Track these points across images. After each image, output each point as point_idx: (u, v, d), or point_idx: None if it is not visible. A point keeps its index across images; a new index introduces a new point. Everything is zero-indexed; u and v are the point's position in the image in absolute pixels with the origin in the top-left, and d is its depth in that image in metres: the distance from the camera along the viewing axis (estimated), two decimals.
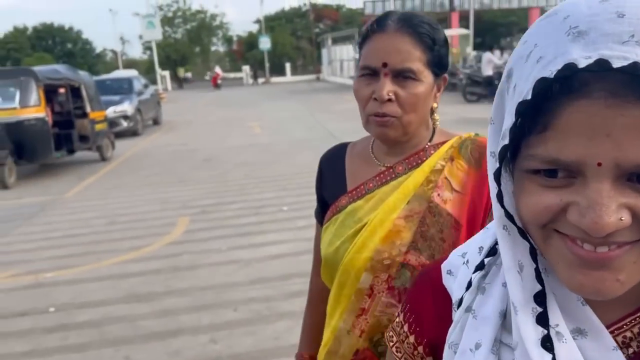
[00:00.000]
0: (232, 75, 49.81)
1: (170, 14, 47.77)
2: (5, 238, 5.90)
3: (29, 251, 5.35)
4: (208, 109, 21.24)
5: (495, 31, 43.17)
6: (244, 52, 48.31)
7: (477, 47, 30.06)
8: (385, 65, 1.08)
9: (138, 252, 5.10)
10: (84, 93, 10.43)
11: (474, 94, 16.70)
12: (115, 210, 6.75)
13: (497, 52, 18.57)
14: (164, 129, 16.00)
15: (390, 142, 1.17)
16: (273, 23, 50.94)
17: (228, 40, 54.60)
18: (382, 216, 1.12)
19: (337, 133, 11.75)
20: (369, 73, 1.11)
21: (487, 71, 16.11)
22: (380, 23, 1.11)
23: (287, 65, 44.84)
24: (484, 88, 16.41)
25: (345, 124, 13.37)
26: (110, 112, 13.18)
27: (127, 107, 14.45)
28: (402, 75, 1.08)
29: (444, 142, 1.18)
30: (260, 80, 43.91)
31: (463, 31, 28.36)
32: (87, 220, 6.37)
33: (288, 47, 46.26)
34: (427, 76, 1.10)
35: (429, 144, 1.19)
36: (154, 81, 31.25)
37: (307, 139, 11.43)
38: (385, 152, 1.22)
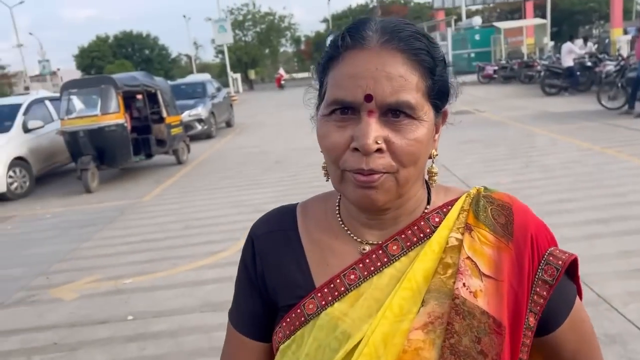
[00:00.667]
0: (300, 75, 50.27)
1: (240, 18, 48.91)
2: (88, 243, 6.12)
3: (109, 256, 5.51)
4: (277, 110, 21.47)
5: (572, 19, 40.93)
6: (312, 52, 48.57)
7: (553, 37, 28.56)
8: (369, 98, 0.72)
9: (213, 258, 5.11)
10: (160, 98, 10.74)
11: (553, 87, 15.82)
12: (190, 214, 6.85)
13: (579, 41, 17.48)
14: (236, 131, 16.30)
15: (376, 211, 0.81)
16: (340, 22, 50.97)
17: (296, 40, 55.23)
18: (386, 328, 0.76)
19: None
20: (341, 110, 0.75)
21: (568, 62, 15.23)
22: (355, 35, 0.76)
23: None
24: (564, 80, 15.54)
25: None
26: (185, 116, 13.53)
27: (201, 110, 14.81)
28: (395, 113, 0.74)
29: (449, 204, 0.85)
30: None
31: (539, 21, 26.99)
32: (163, 225, 6.49)
33: None
34: (428, 112, 0.77)
35: (427, 207, 0.86)
36: (225, 84, 32.07)
37: None
38: (363, 223, 0.85)
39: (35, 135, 10.02)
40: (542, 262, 0.81)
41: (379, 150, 0.74)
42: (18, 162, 9.41)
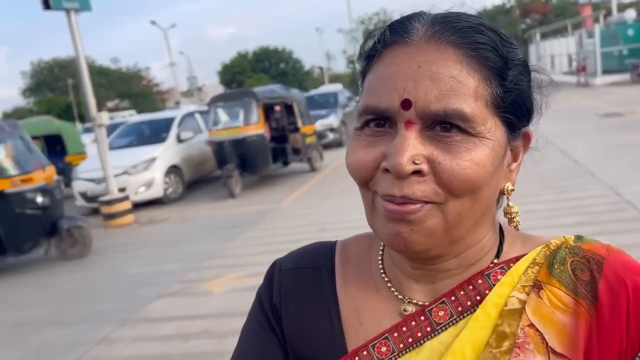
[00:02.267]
0: None
1: (371, 27, 49.47)
2: (233, 242, 6.63)
3: (252, 255, 5.93)
4: None
5: None
6: None
7: None
8: (407, 104, 0.55)
9: None
10: (296, 109, 11.29)
11: None
12: (325, 218, 7.12)
13: None
14: None
15: (418, 254, 0.61)
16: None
17: None
18: None
19: (551, 135, 10.79)
20: (375, 122, 0.59)
21: None
22: (398, 29, 0.60)
23: None
24: None
25: (559, 124, 12.23)
26: (318, 125, 14.05)
27: (332, 120, 15.28)
28: (444, 127, 0.56)
29: (519, 258, 0.64)
30: None
31: None
32: (300, 227, 6.82)
33: None
34: (495, 129, 0.57)
35: (495, 260, 0.65)
36: (357, 93, 32.59)
37: None
38: (409, 274, 0.66)
39: (187, 145, 11.07)
40: None
41: (419, 172, 0.56)
42: (173, 169, 10.47)
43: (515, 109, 0.60)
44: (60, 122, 14.12)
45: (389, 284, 0.68)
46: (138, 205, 9.82)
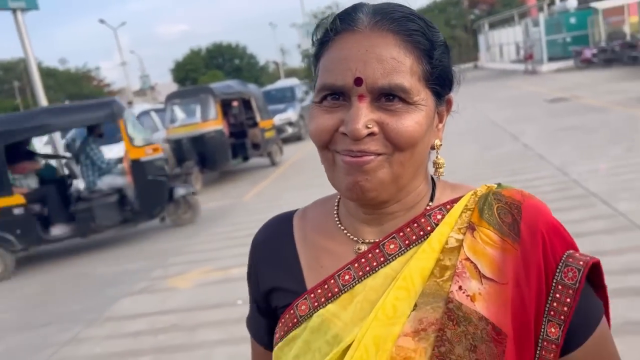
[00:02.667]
0: None
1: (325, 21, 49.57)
2: (197, 238, 6.66)
3: (217, 250, 5.98)
4: None
5: None
6: None
7: None
8: (359, 82, 0.68)
9: None
10: (254, 104, 11.32)
11: None
12: (288, 210, 7.20)
13: None
14: None
15: (371, 201, 0.74)
16: (425, 15, 50.15)
17: None
18: (377, 331, 0.71)
19: (501, 121, 11.20)
20: (332, 96, 0.72)
21: None
22: (346, 18, 0.73)
23: None
24: None
25: (509, 111, 12.69)
26: (277, 119, 14.11)
27: (291, 114, 15.36)
28: (388, 97, 0.69)
29: (453, 202, 0.78)
30: None
31: None
32: (264, 220, 6.75)
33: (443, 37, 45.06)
34: (427, 98, 0.72)
35: (430, 204, 0.79)
36: (313, 88, 32.67)
37: (468, 130, 11.05)
38: (361, 219, 0.80)
39: None
40: (560, 264, 0.73)
41: (371, 134, 0.70)
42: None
43: (441, 81, 0.74)
44: None
45: (344, 230, 0.82)
46: None
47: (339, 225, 0.83)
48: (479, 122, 12.02)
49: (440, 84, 0.75)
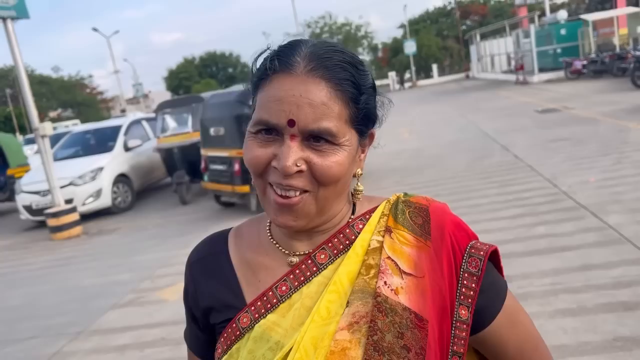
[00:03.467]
0: (378, 82, 50.31)
1: (317, 30, 49.81)
2: (186, 249, 6.53)
3: None
4: None
5: None
6: (389, 58, 48.48)
7: None
8: (292, 123, 0.75)
9: None
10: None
11: None
12: None
13: None
14: None
15: (299, 230, 0.84)
16: (417, 26, 50.47)
17: (373, 48, 55.28)
18: (315, 332, 0.78)
19: (492, 132, 11.23)
20: (266, 130, 0.78)
21: None
22: (283, 60, 0.78)
23: (434, 67, 44.05)
24: None
25: (500, 121, 12.74)
26: None
27: None
28: (316, 138, 0.77)
29: (371, 211, 0.88)
30: (407, 84, 43.72)
31: (632, 9, 25.33)
32: None
33: (434, 48, 45.39)
34: (351, 138, 0.80)
35: (352, 217, 0.89)
36: None
37: (459, 141, 11.08)
38: (292, 235, 0.87)
39: (135, 153, 10.86)
40: (465, 255, 0.85)
41: (299, 172, 0.77)
42: (121, 178, 10.26)
43: (365, 122, 0.83)
44: (0, 134, 13.57)
45: (277, 245, 0.89)
46: (86, 217, 9.58)
47: (272, 241, 0.90)
48: (469, 132, 12.06)
49: (365, 124, 0.83)
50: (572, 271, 3.89)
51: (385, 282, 0.80)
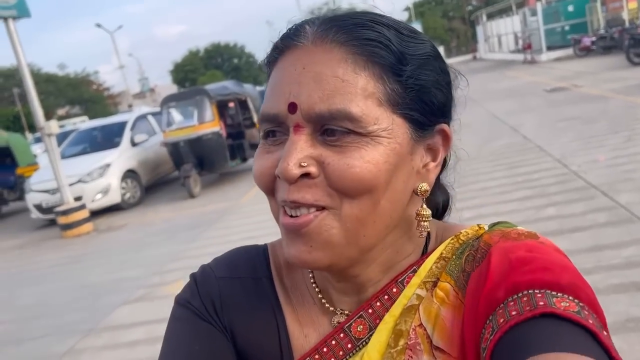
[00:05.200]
0: None
1: None
2: (195, 243, 6.60)
3: (215, 254, 5.81)
4: None
5: None
6: None
7: None
8: (293, 108, 0.54)
9: None
10: (250, 105, 11.24)
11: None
12: None
13: None
14: None
15: (326, 270, 0.62)
16: (423, 8, 50.02)
17: None
18: None
19: (500, 113, 11.10)
20: (271, 129, 0.58)
21: None
22: (291, 34, 0.59)
23: (441, 49, 43.68)
24: None
25: (508, 102, 12.58)
26: None
27: None
28: (330, 129, 0.54)
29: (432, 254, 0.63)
30: None
31: None
32: (261, 223, 6.83)
33: (440, 29, 44.99)
34: (394, 127, 0.55)
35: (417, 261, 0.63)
36: None
37: (466, 123, 10.89)
38: (334, 286, 0.64)
39: (142, 148, 10.88)
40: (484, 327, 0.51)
41: (308, 175, 0.54)
42: (129, 174, 10.29)
43: (420, 106, 0.56)
44: (8, 133, 13.64)
45: (319, 295, 0.66)
46: (96, 213, 9.63)
47: (315, 287, 0.67)
48: (477, 114, 11.92)
49: (420, 110, 0.57)
50: (583, 252, 3.82)
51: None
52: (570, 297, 0.49)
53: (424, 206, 0.60)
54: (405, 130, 0.56)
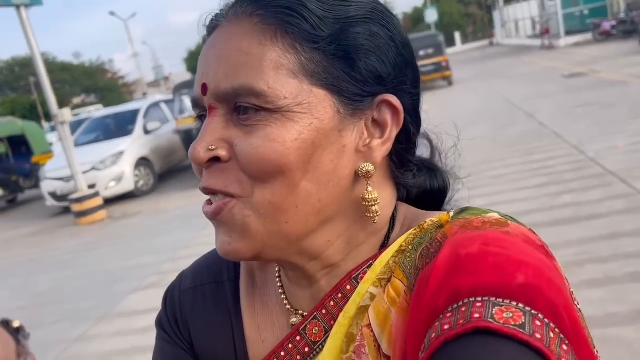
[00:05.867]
0: None
1: None
2: (208, 230, 6.58)
3: None
4: None
5: None
6: (410, 28, 47.57)
7: None
8: (204, 89, 0.52)
9: None
10: None
11: None
12: None
13: None
14: None
15: (259, 261, 0.60)
16: None
17: None
18: None
19: (516, 100, 10.92)
20: (200, 114, 0.56)
21: None
22: (216, 13, 0.56)
23: (457, 35, 43.14)
24: None
25: (524, 88, 12.38)
26: None
27: None
28: (240, 107, 0.50)
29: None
30: None
31: None
32: None
33: (456, 15, 44.42)
34: (311, 99, 0.49)
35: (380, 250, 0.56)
36: None
37: (482, 109, 10.81)
38: (291, 277, 0.61)
39: (155, 136, 10.91)
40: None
41: (218, 159, 0.51)
42: (142, 162, 10.33)
43: (347, 74, 0.50)
44: (23, 122, 13.79)
45: (280, 291, 0.62)
46: (109, 201, 9.69)
47: (278, 283, 0.62)
48: (492, 100, 11.76)
49: (348, 79, 0.50)
50: (599, 240, 3.74)
51: None
52: (521, 305, 0.40)
53: (369, 189, 0.53)
54: (328, 103, 0.50)
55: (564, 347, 0.39)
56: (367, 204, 0.53)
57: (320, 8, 0.50)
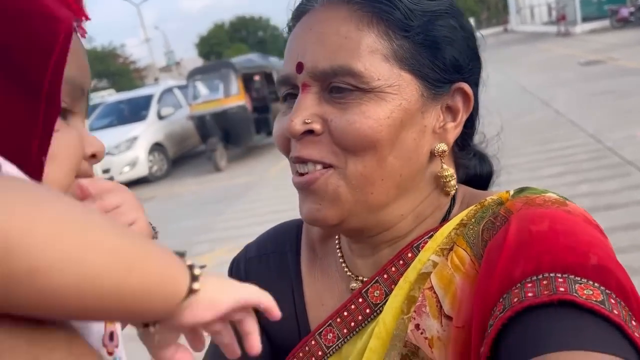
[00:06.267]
0: None
1: None
2: (222, 215, 6.65)
3: (242, 227, 5.95)
4: None
5: None
6: None
7: None
8: (300, 68, 0.56)
9: None
10: (276, 78, 11.15)
11: None
12: None
13: None
14: None
15: (339, 231, 0.64)
16: None
17: None
18: None
19: (532, 87, 10.80)
20: (288, 92, 0.61)
21: None
22: (305, 1, 0.61)
23: (471, 21, 42.70)
24: None
25: (540, 76, 12.24)
26: None
27: None
28: (337, 86, 0.55)
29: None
30: None
31: None
32: (287, 197, 6.82)
33: (470, 1, 43.85)
34: (402, 83, 0.54)
35: (439, 225, 0.61)
36: None
37: (497, 97, 10.68)
38: (352, 248, 0.66)
39: (168, 121, 10.94)
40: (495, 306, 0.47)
41: (312, 132, 0.55)
42: (156, 147, 10.38)
43: (431, 62, 0.56)
44: None
45: (341, 260, 0.67)
46: (124, 186, 9.75)
47: (339, 252, 0.68)
48: (508, 88, 11.64)
49: (432, 66, 0.56)
50: (618, 230, 3.71)
51: (417, 326, 0.54)
52: (596, 284, 0.44)
53: (444, 166, 0.60)
54: (414, 86, 0.56)
55: (633, 322, 0.43)
56: (445, 180, 0.60)
57: (410, 1, 0.56)
